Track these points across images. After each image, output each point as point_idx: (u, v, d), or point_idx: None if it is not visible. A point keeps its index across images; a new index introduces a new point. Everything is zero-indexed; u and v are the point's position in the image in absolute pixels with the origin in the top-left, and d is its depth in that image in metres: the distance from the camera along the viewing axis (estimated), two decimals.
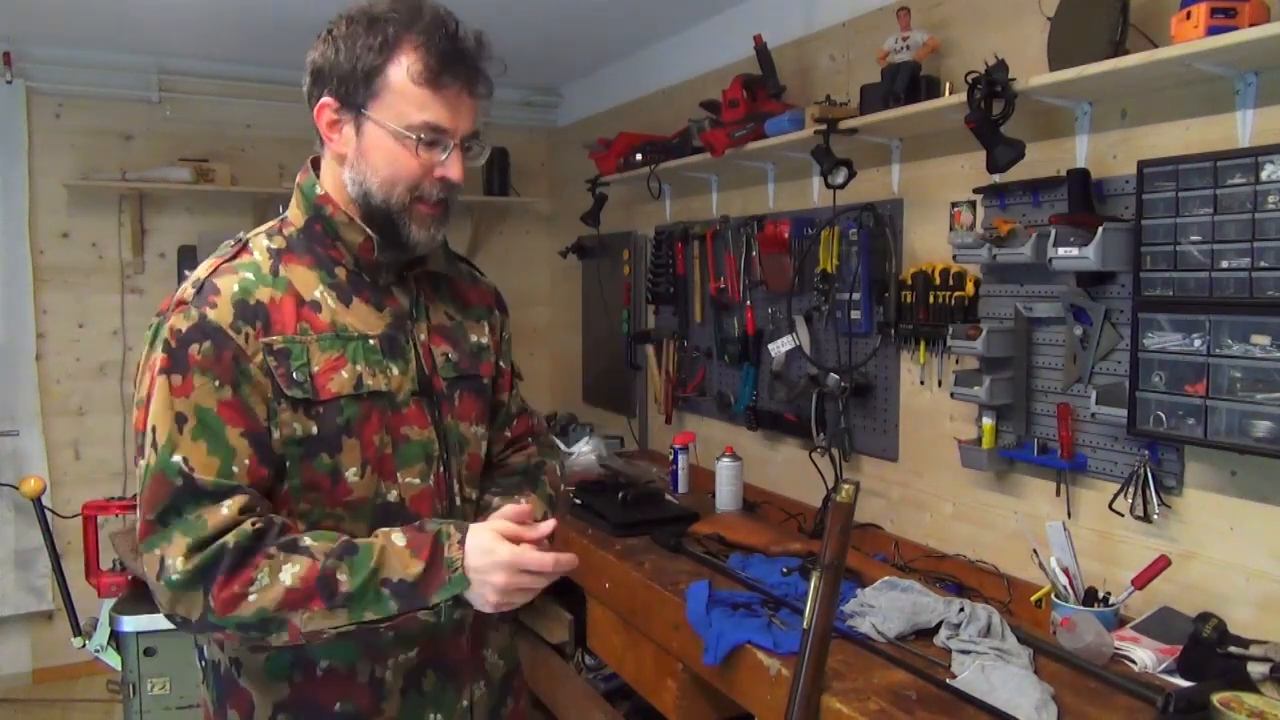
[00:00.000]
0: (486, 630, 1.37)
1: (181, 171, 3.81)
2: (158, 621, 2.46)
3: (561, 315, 4.63)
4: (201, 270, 1.21)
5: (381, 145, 1.19)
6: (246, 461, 1.13)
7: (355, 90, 1.18)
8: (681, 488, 3.10)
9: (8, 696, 3.73)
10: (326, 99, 1.20)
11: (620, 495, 2.76)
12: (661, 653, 2.18)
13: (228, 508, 1.11)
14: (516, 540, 1.17)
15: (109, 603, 2.62)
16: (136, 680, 2.48)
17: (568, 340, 4.52)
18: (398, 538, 1.15)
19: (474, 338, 1.37)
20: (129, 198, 3.88)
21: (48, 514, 2.90)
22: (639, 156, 3.30)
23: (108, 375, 3.92)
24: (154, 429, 1.13)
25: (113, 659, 2.61)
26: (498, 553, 1.14)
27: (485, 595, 1.14)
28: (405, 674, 1.25)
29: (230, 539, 1.09)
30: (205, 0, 3.12)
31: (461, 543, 1.15)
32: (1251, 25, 1.56)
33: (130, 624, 2.46)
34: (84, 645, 2.65)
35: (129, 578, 2.63)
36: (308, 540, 1.13)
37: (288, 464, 1.18)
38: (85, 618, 2.72)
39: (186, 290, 1.18)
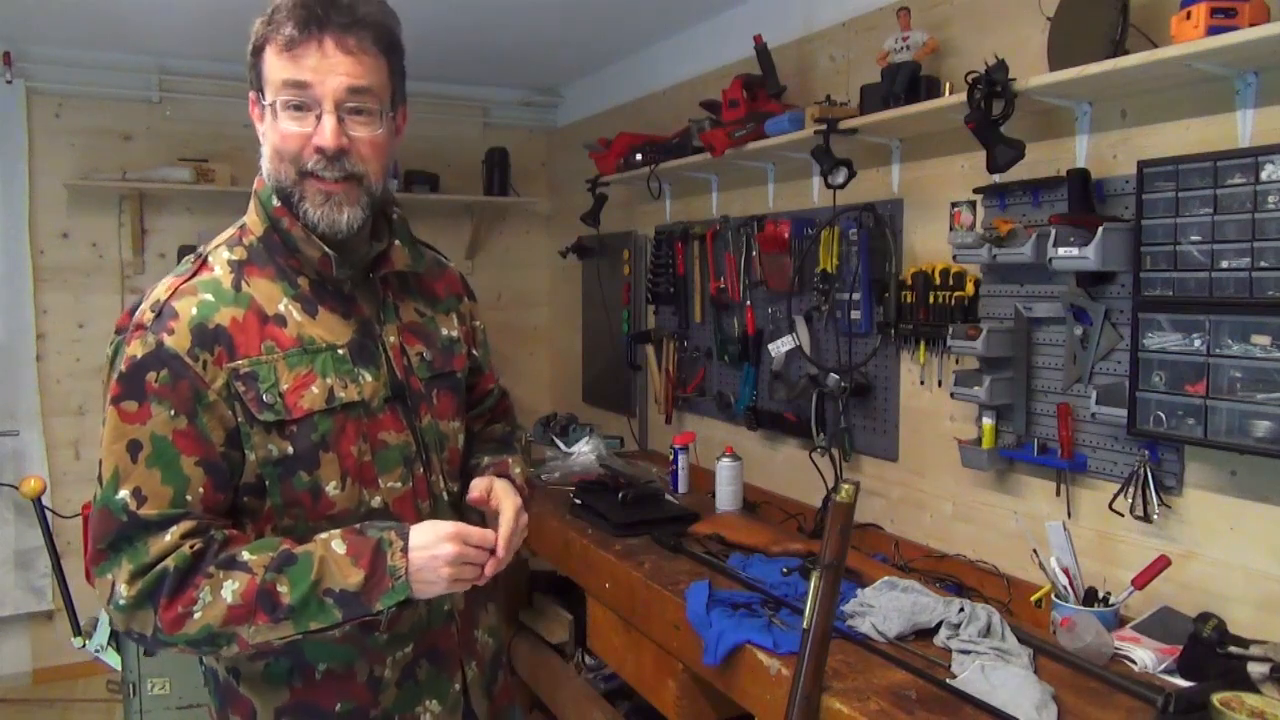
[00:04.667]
0: (476, 612, 1.39)
1: (181, 171, 3.81)
2: None
3: (561, 315, 4.63)
4: (160, 291, 1.18)
5: (269, 125, 1.17)
6: (200, 490, 1.13)
7: (254, 77, 1.18)
8: (681, 488, 3.10)
9: (8, 696, 3.73)
10: (251, 93, 1.20)
11: (620, 495, 2.76)
12: (661, 653, 2.18)
13: (170, 534, 1.11)
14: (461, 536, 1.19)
15: None
16: (136, 680, 2.48)
17: (568, 340, 4.52)
18: (337, 545, 1.14)
19: (445, 331, 1.36)
20: (129, 198, 3.88)
21: (48, 514, 2.90)
22: (639, 156, 3.30)
23: None
24: (102, 461, 1.14)
25: (113, 659, 2.61)
26: (442, 528, 1.17)
27: (438, 572, 1.14)
28: (402, 668, 1.26)
29: (170, 563, 1.10)
30: (205, 0, 3.12)
31: (405, 550, 1.14)
32: (1251, 25, 1.56)
33: None
34: (84, 645, 2.65)
35: None
36: (245, 555, 1.12)
37: (267, 484, 1.17)
38: (85, 618, 2.72)
39: (145, 314, 1.16)
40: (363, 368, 1.22)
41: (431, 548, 1.15)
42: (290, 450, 1.16)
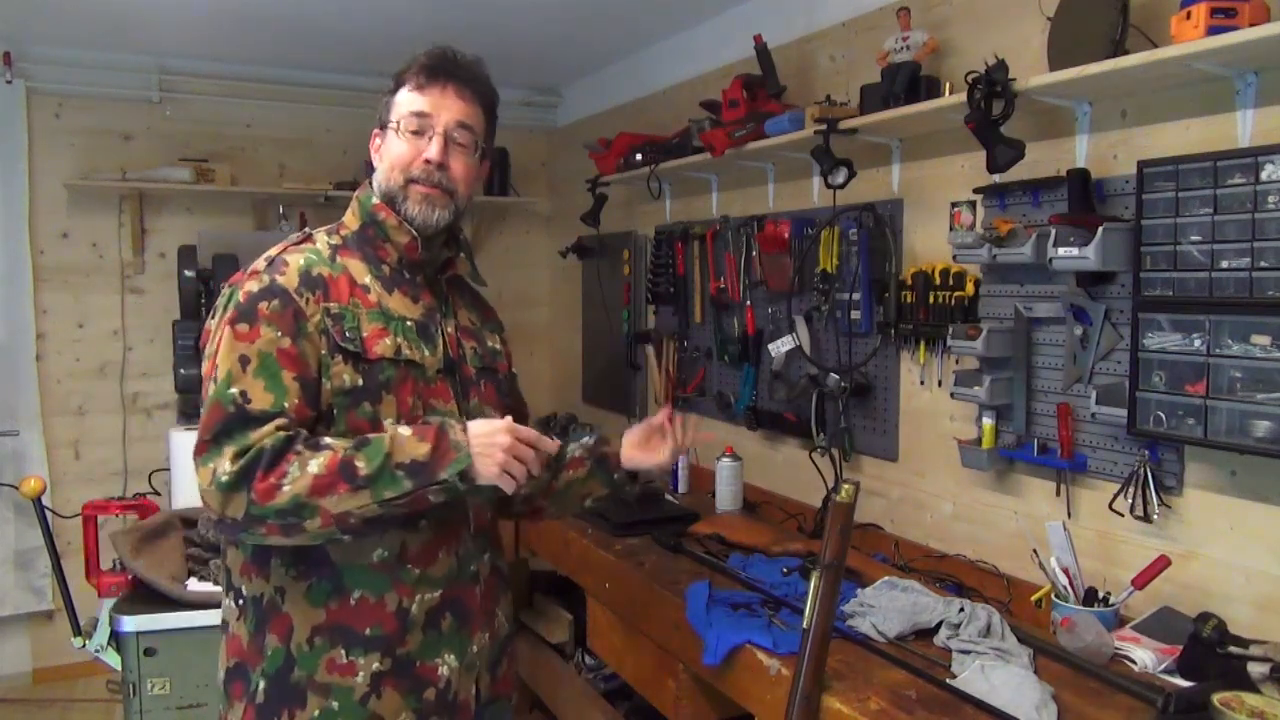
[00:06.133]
0: (498, 592, 1.56)
1: (181, 171, 3.81)
2: (158, 621, 2.46)
3: (561, 315, 4.63)
4: (273, 251, 1.46)
5: (388, 142, 1.49)
6: (295, 400, 1.35)
7: (384, 114, 1.50)
8: (681, 488, 3.11)
9: (8, 696, 3.73)
10: (376, 130, 1.51)
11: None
12: (661, 653, 2.18)
13: (268, 427, 1.31)
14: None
15: (109, 603, 2.62)
16: (136, 680, 2.47)
17: (568, 340, 4.52)
18: (404, 430, 1.34)
19: (489, 343, 1.62)
20: (129, 198, 3.88)
21: (48, 514, 2.90)
22: (639, 156, 3.30)
23: (108, 375, 3.92)
24: (217, 368, 1.34)
25: (113, 659, 2.60)
26: (498, 422, 1.37)
27: (494, 456, 1.32)
28: (427, 611, 1.42)
29: (266, 442, 1.29)
30: (205, 0, 3.12)
31: (465, 429, 1.35)
32: (1251, 25, 1.56)
33: (130, 624, 2.45)
34: (84, 645, 2.64)
35: (129, 578, 2.62)
36: (329, 440, 1.33)
37: (335, 412, 1.38)
38: (85, 618, 2.71)
39: (259, 264, 1.43)
40: (424, 342, 1.46)
41: (489, 434, 1.35)
42: (360, 383, 1.39)
